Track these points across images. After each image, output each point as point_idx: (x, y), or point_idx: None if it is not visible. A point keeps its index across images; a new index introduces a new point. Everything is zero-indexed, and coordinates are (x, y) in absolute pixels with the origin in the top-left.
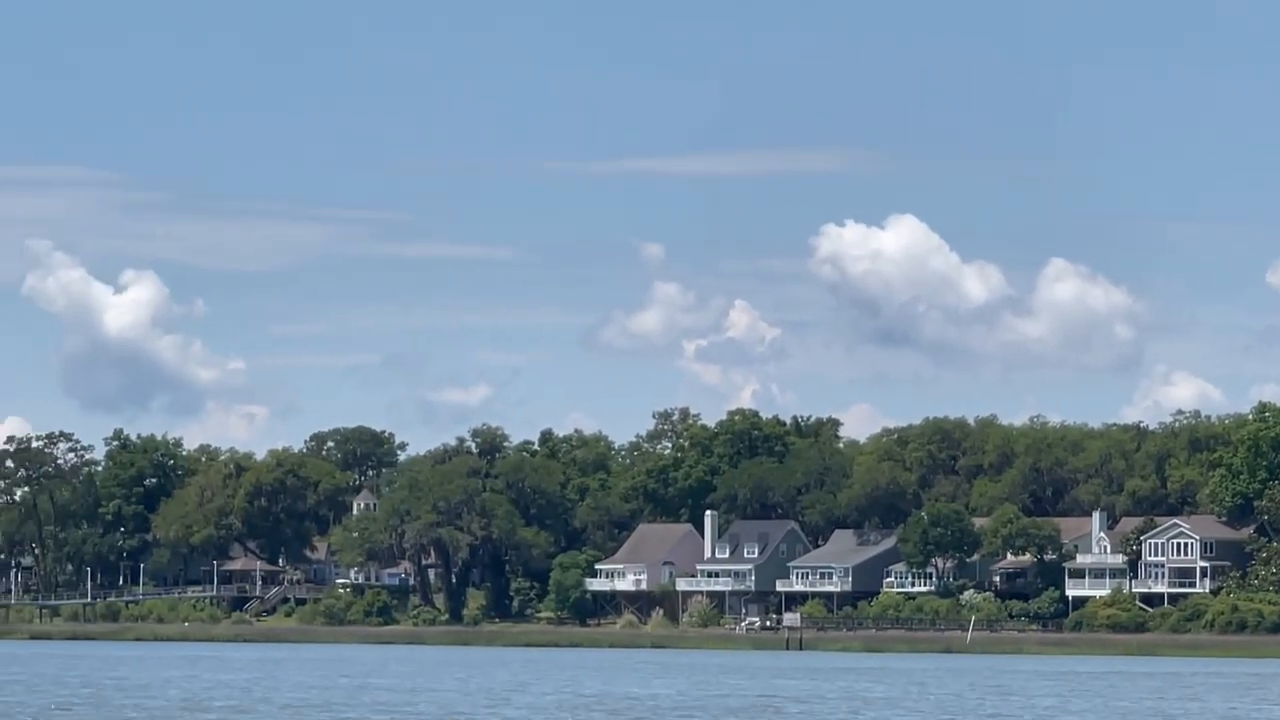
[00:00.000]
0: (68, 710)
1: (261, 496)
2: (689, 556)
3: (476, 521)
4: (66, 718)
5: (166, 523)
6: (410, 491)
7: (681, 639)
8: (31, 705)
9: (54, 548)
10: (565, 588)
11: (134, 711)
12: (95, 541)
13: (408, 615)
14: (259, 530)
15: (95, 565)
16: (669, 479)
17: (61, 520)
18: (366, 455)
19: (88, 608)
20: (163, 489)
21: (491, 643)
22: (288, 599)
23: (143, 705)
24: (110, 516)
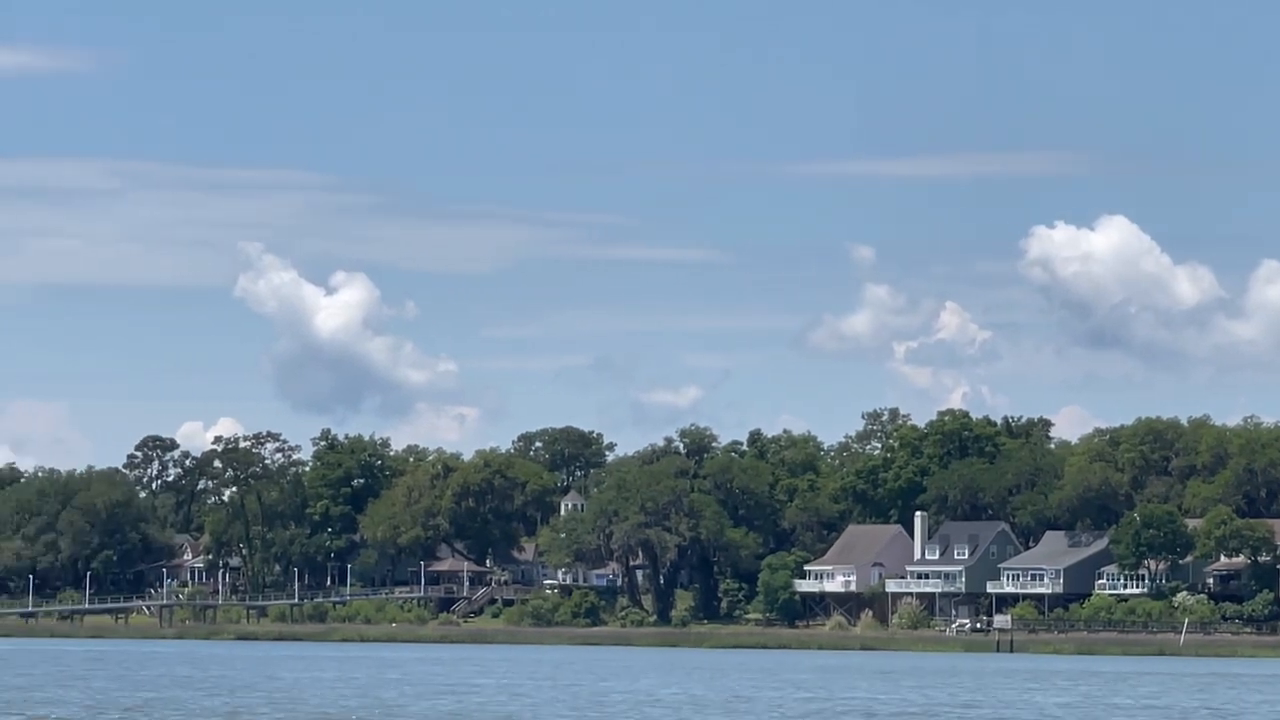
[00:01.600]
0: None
1: (469, 497)
2: (898, 558)
3: (684, 522)
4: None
5: (374, 523)
6: (618, 492)
7: (891, 641)
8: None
9: (261, 548)
10: (774, 589)
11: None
12: (303, 542)
13: (615, 616)
14: (466, 531)
15: (303, 566)
16: (878, 480)
17: (269, 521)
18: (574, 456)
19: (295, 608)
20: (370, 489)
21: (699, 644)
22: (495, 600)
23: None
24: (318, 517)
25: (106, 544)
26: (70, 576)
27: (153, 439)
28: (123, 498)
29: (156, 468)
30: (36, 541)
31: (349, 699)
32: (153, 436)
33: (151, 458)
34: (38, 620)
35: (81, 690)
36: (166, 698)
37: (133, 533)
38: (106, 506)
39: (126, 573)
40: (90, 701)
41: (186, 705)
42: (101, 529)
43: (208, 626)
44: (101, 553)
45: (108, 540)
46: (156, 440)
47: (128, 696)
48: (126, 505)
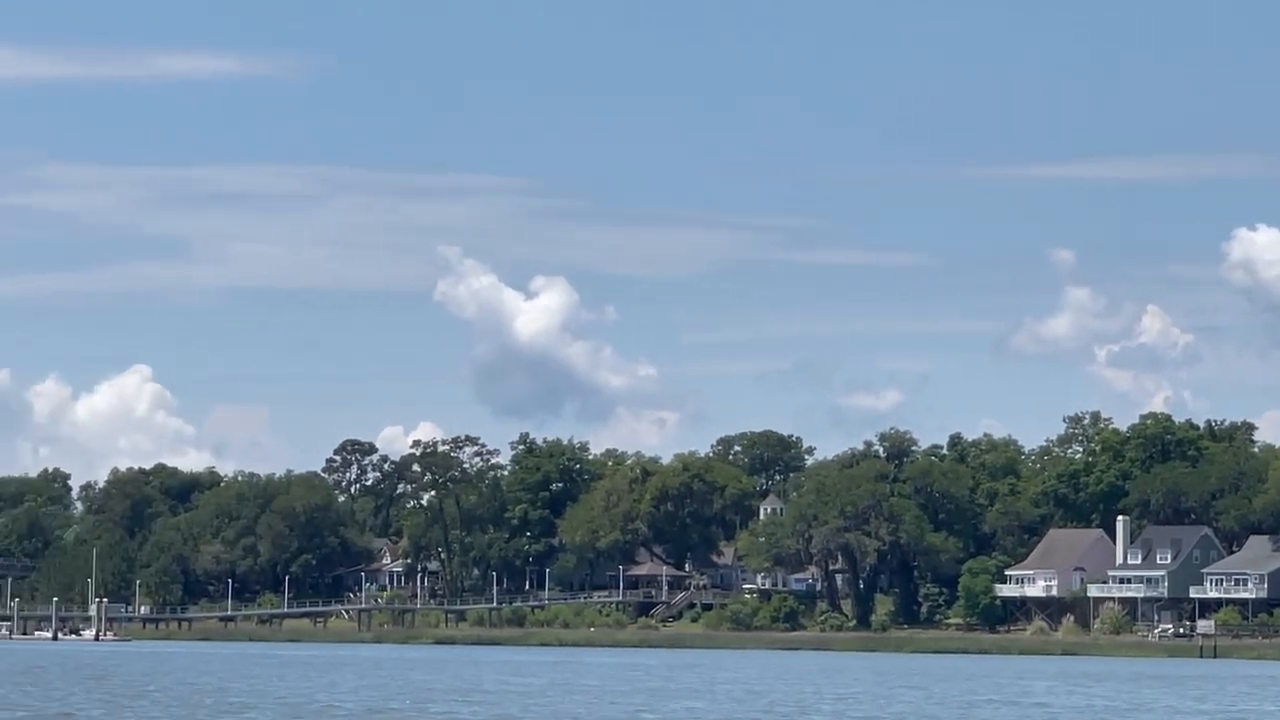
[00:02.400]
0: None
1: (668, 501)
2: (1100, 562)
3: (884, 526)
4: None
5: (572, 527)
6: (818, 496)
7: (1093, 646)
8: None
9: (460, 552)
10: (974, 593)
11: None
12: (501, 546)
13: (815, 621)
14: (665, 535)
15: (501, 570)
16: (1080, 484)
17: (468, 525)
18: (774, 460)
19: (493, 612)
20: (569, 493)
21: (900, 649)
22: (694, 604)
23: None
24: (516, 521)
25: (305, 548)
26: (269, 580)
27: (352, 443)
28: (322, 502)
29: (355, 472)
30: (236, 545)
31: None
32: (352, 440)
33: (350, 462)
34: (236, 624)
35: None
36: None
37: (331, 537)
38: (305, 510)
39: (325, 577)
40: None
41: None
42: (300, 533)
43: (405, 631)
44: (300, 557)
45: (307, 544)
46: (355, 444)
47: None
48: (325, 509)
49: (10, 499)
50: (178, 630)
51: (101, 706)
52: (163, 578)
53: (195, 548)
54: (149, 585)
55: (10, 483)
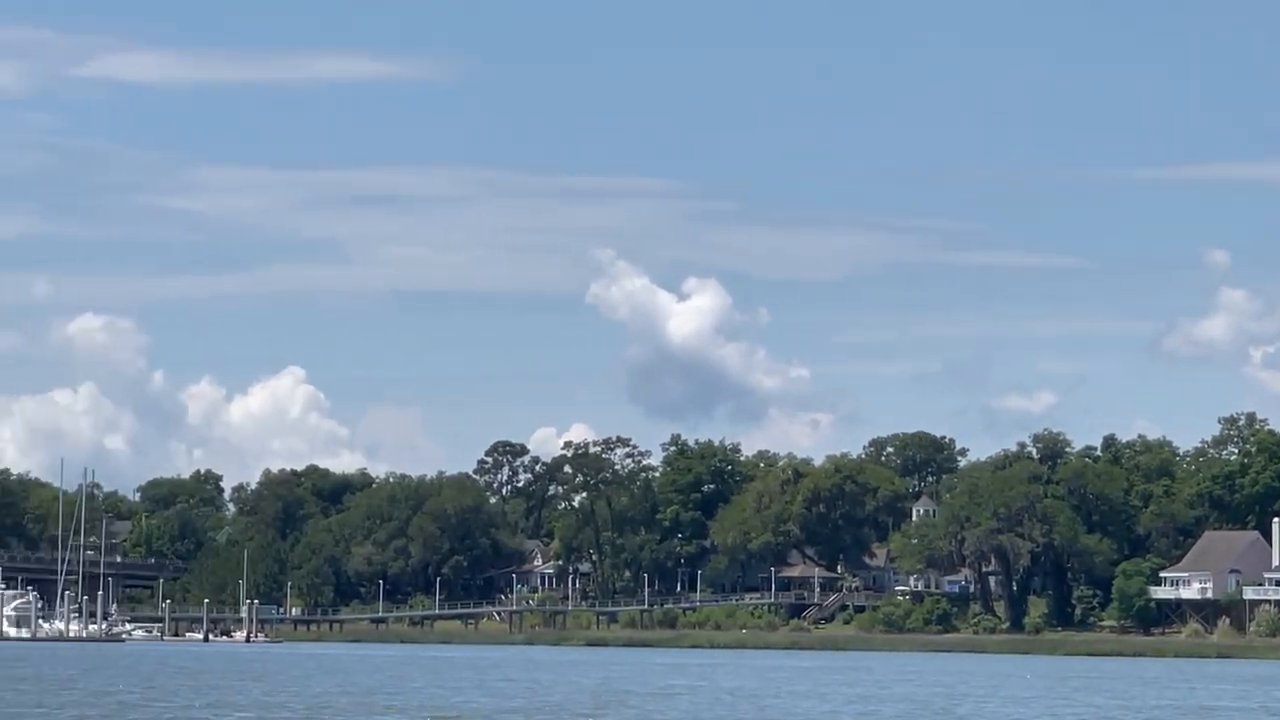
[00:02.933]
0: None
1: (820, 503)
2: (1256, 564)
3: (1038, 528)
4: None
5: (724, 529)
6: (970, 498)
7: (1248, 649)
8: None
9: (611, 554)
10: (1128, 596)
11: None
12: (653, 548)
13: (968, 623)
14: (817, 536)
15: (652, 571)
16: (1235, 486)
17: (619, 526)
18: (926, 461)
19: (645, 614)
20: (720, 495)
21: (1053, 651)
22: (846, 606)
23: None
24: (668, 523)
25: (457, 549)
26: (420, 582)
27: (503, 444)
28: (473, 503)
29: (507, 473)
30: (388, 547)
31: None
32: (503, 442)
33: (502, 463)
34: (388, 625)
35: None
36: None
37: (483, 538)
38: (457, 512)
39: (476, 578)
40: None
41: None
42: (452, 534)
43: (557, 632)
44: (452, 558)
45: (458, 546)
46: (507, 446)
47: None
48: (477, 511)
49: (163, 500)
50: (328, 632)
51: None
52: (314, 579)
53: (347, 549)
54: (300, 587)
55: (163, 484)
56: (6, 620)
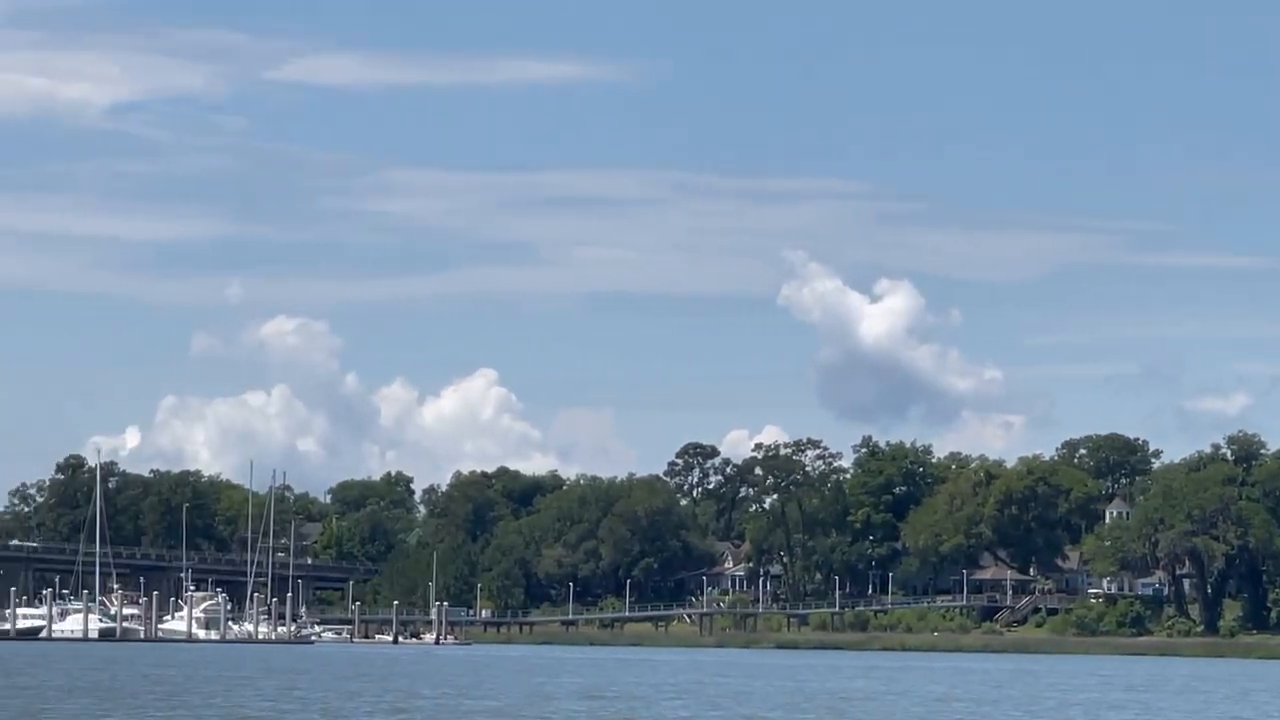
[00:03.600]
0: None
1: (1012, 504)
2: None
3: (1232, 530)
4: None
5: (915, 531)
6: (1164, 500)
7: None
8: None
9: (802, 556)
10: None
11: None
12: (844, 550)
13: (1161, 626)
14: (1009, 539)
15: (844, 573)
16: None
17: (810, 528)
18: (1120, 463)
19: (835, 616)
20: (912, 497)
21: (1247, 655)
22: (1038, 609)
23: None
24: (859, 524)
25: (647, 551)
26: (611, 584)
27: (693, 446)
28: (664, 505)
29: (697, 475)
30: (578, 549)
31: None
32: (693, 444)
33: (692, 465)
34: (578, 628)
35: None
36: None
37: (673, 540)
38: (647, 514)
39: (667, 580)
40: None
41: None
42: (642, 536)
43: (747, 635)
44: (642, 560)
45: (648, 548)
46: (698, 447)
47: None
48: (667, 513)
49: (353, 502)
50: (518, 634)
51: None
52: (504, 581)
53: (537, 551)
54: (490, 589)
55: (354, 486)
56: (196, 622)
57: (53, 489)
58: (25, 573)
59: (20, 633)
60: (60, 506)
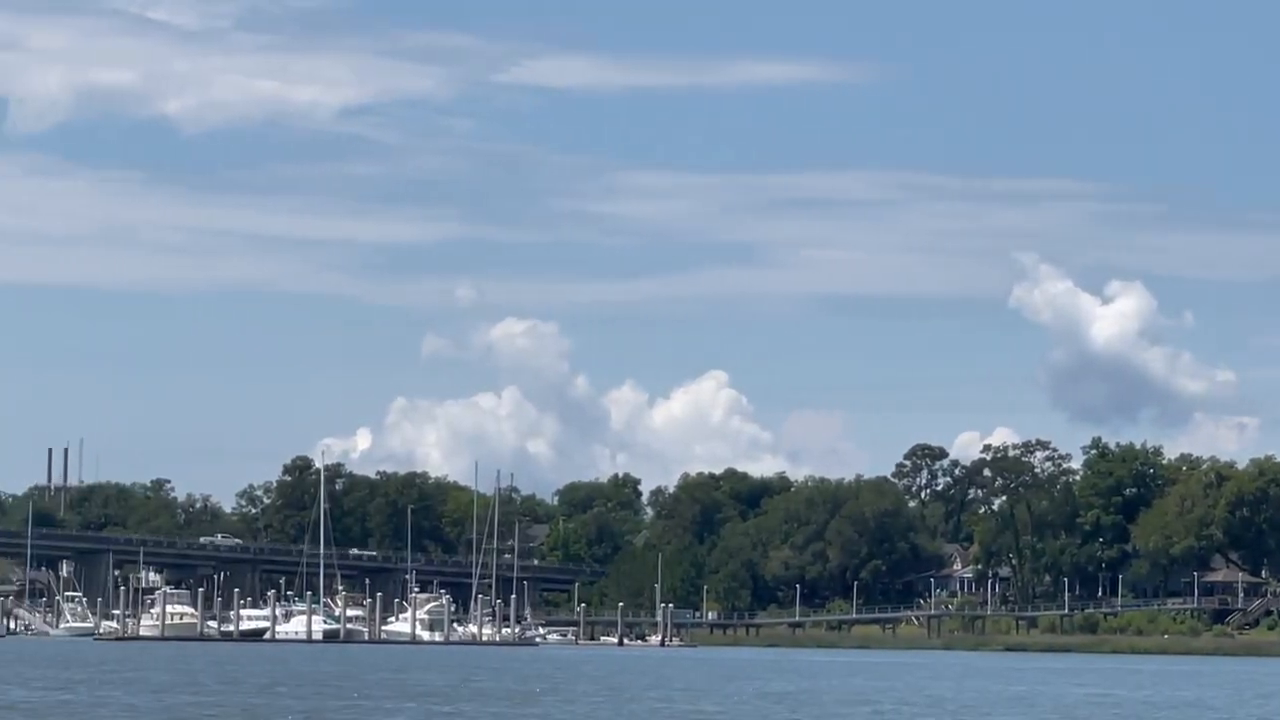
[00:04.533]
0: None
1: (1244, 506)
2: None
3: None
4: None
5: (1145, 533)
6: None
7: None
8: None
9: (1031, 558)
10: None
11: None
12: (1073, 552)
13: None
14: (1241, 541)
15: (1073, 576)
16: None
17: (1039, 530)
18: None
19: (1065, 619)
20: (1142, 499)
21: None
22: (1270, 611)
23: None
24: (1088, 526)
25: (875, 553)
26: (838, 586)
27: (922, 448)
28: (891, 507)
29: (925, 477)
30: (805, 551)
31: None
32: (922, 445)
33: (920, 467)
34: (804, 630)
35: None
36: None
37: (901, 542)
38: (875, 516)
39: (895, 583)
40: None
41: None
42: (870, 538)
43: (975, 637)
44: (870, 562)
45: (876, 550)
46: (926, 449)
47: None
48: (895, 515)
49: (580, 504)
50: (744, 636)
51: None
52: (731, 583)
53: (764, 553)
54: (717, 591)
55: (581, 488)
56: (420, 624)
57: (279, 490)
58: (251, 574)
59: (244, 634)
60: (287, 508)
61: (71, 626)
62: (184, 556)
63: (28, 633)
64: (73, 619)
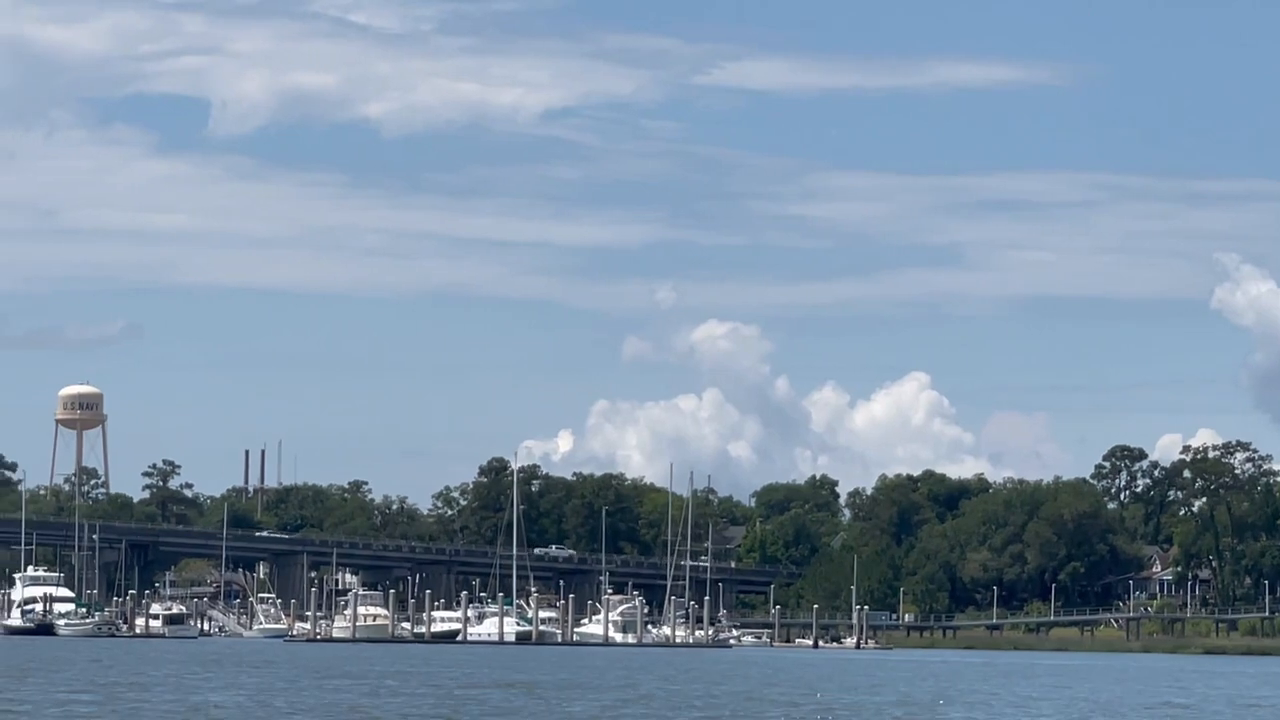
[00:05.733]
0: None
1: None
2: None
3: None
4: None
5: None
6: None
7: None
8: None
9: (1231, 560)
10: None
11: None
12: (1274, 554)
13: None
14: None
15: (1274, 578)
16: None
17: (1239, 532)
18: None
19: (1265, 622)
20: None
21: None
22: None
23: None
24: None
25: (1074, 555)
26: (1036, 588)
27: (1121, 449)
28: (1090, 509)
29: (1125, 478)
30: (1003, 553)
31: None
32: (1121, 446)
33: (1119, 468)
34: (1002, 633)
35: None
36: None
37: (1100, 544)
38: (1073, 517)
39: (1094, 585)
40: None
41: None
42: (1068, 540)
43: (1174, 640)
44: (1069, 564)
45: (1075, 551)
46: (1125, 450)
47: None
48: (1094, 516)
49: (778, 505)
50: (941, 639)
51: None
52: (928, 585)
53: (962, 555)
54: (914, 593)
55: (778, 490)
56: (612, 625)
57: (475, 492)
58: (447, 576)
59: (436, 635)
60: (483, 510)
61: (264, 628)
62: (379, 558)
63: (221, 634)
64: (266, 620)
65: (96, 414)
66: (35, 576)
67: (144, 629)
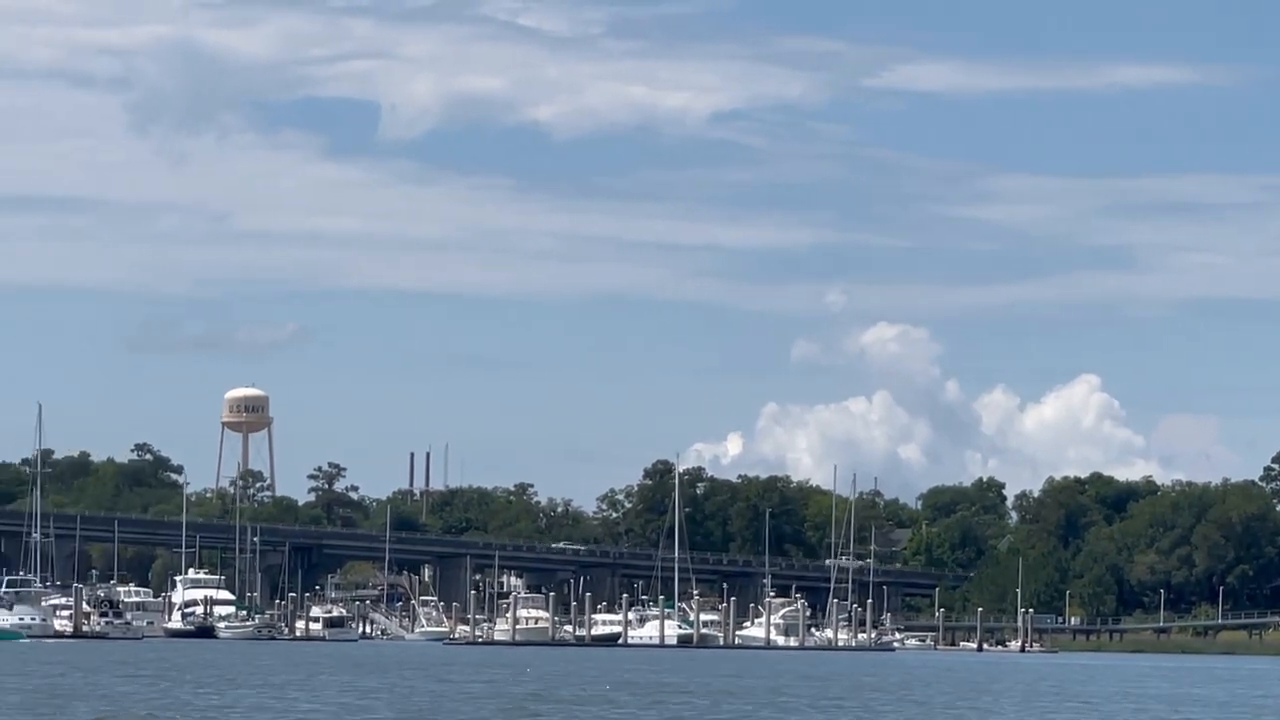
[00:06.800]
0: None
1: None
2: None
3: None
4: None
5: None
6: None
7: None
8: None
9: None
10: None
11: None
12: None
13: None
14: None
15: None
16: None
17: None
18: None
19: None
20: None
21: None
22: None
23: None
24: None
25: (1242, 558)
26: (1204, 591)
27: None
28: (1259, 511)
29: None
30: (1171, 555)
31: None
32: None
33: None
34: (1170, 636)
35: None
36: None
37: (1269, 547)
38: (1241, 520)
39: (1263, 588)
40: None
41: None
42: (1237, 543)
43: None
44: (1237, 567)
45: (1243, 554)
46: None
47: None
48: (1263, 519)
49: (944, 508)
50: (1108, 642)
51: None
52: (1095, 588)
53: (1129, 558)
54: (1081, 596)
55: (945, 492)
56: (774, 628)
57: (640, 495)
58: (611, 579)
59: (596, 639)
60: (647, 512)
61: (426, 631)
62: (543, 560)
63: (383, 637)
64: (428, 623)
65: (263, 417)
66: (196, 579)
67: (304, 632)
